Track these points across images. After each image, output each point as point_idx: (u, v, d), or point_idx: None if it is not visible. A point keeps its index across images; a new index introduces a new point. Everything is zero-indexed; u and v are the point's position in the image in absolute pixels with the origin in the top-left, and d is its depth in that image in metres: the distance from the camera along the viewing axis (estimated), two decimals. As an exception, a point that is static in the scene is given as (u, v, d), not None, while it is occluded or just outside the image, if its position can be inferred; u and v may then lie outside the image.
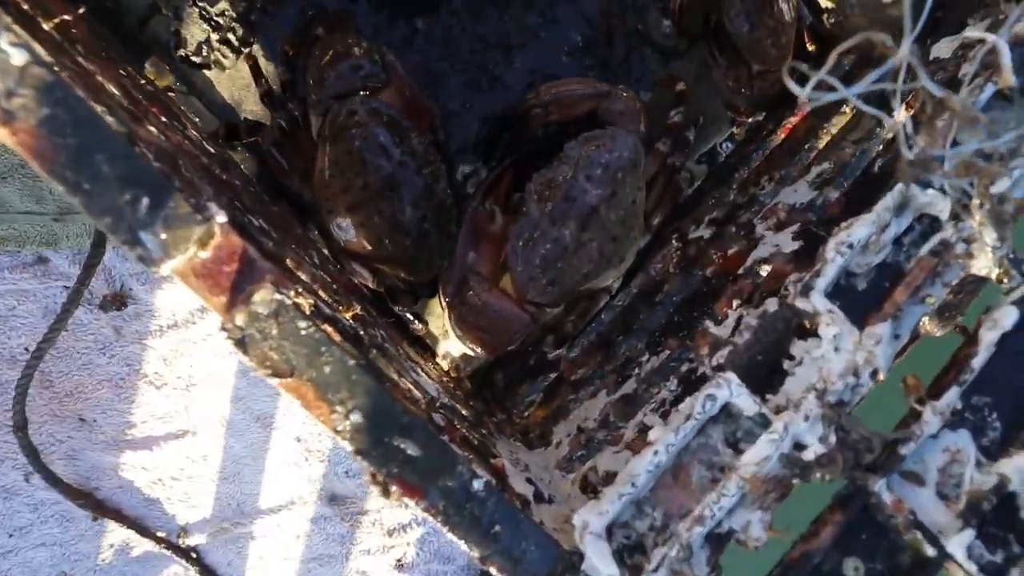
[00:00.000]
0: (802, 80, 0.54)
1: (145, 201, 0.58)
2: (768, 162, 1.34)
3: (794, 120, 1.39)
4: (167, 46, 1.27)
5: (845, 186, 1.12)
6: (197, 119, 1.27)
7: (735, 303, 1.06)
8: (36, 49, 0.56)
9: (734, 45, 1.38)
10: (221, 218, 0.62)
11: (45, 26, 0.83)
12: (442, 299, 1.30)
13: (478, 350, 1.33)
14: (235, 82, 1.30)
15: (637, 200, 1.29)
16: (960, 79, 0.87)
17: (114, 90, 0.87)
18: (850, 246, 0.73)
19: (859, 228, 0.73)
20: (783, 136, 1.39)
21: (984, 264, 0.74)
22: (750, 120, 1.50)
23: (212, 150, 1.10)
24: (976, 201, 0.67)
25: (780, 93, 1.43)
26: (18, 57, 0.56)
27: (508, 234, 1.25)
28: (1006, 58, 0.76)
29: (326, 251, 1.26)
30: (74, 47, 0.87)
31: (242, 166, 1.28)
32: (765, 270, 1.07)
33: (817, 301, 0.71)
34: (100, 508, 1.52)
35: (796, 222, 1.11)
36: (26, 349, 1.60)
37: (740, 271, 1.13)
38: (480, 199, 1.30)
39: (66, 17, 0.90)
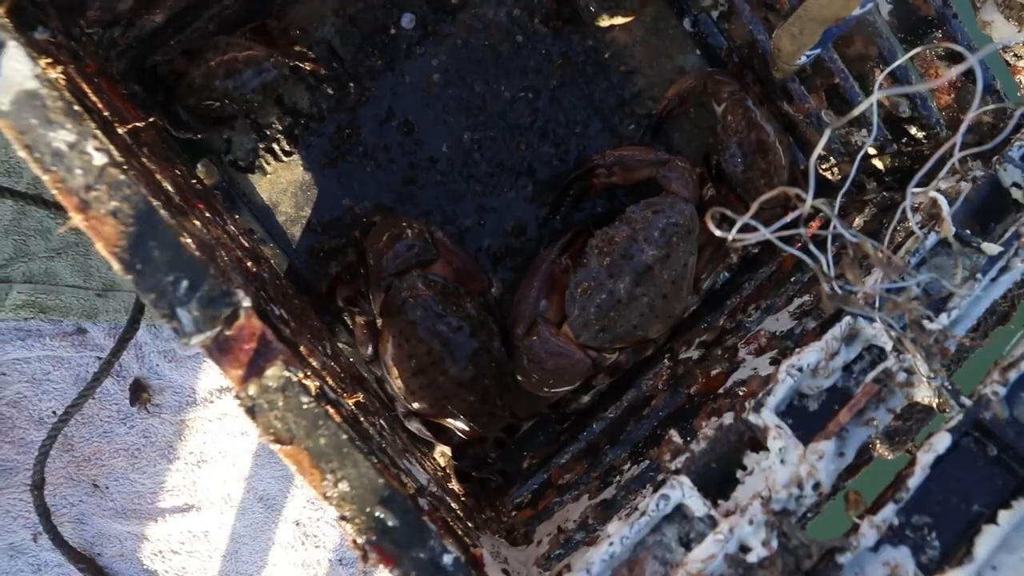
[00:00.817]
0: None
1: (184, 283, 0.69)
2: (757, 292, 1.44)
3: (782, 257, 1.50)
4: (219, 151, 1.43)
5: (823, 316, 1.21)
6: (237, 215, 1.41)
7: (713, 419, 1.13)
8: (113, 153, 0.69)
9: (732, 184, 1.51)
10: (247, 303, 0.73)
11: (120, 130, 0.97)
12: (513, 340, 1.41)
13: (543, 388, 1.42)
14: (274, 186, 1.44)
15: (689, 264, 1.41)
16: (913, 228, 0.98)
17: (169, 187, 1.00)
18: (800, 369, 0.81)
19: (809, 354, 0.82)
20: (774, 268, 1.49)
21: (924, 393, 0.82)
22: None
23: (246, 244, 1.23)
24: (909, 336, 0.75)
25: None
26: (99, 159, 0.68)
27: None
28: (945, 210, 0.87)
29: (398, 414, 1.39)
30: (141, 148, 1.01)
31: (272, 261, 1.40)
32: (742, 391, 1.15)
33: (767, 417, 0.79)
34: (100, 575, 1.57)
35: (775, 348, 1.20)
36: (54, 412, 1.71)
37: (721, 391, 1.21)
38: (556, 253, 1.42)
39: (137, 124, 1.04)
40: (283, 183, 1.44)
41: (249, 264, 1.12)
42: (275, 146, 1.43)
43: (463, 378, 1.32)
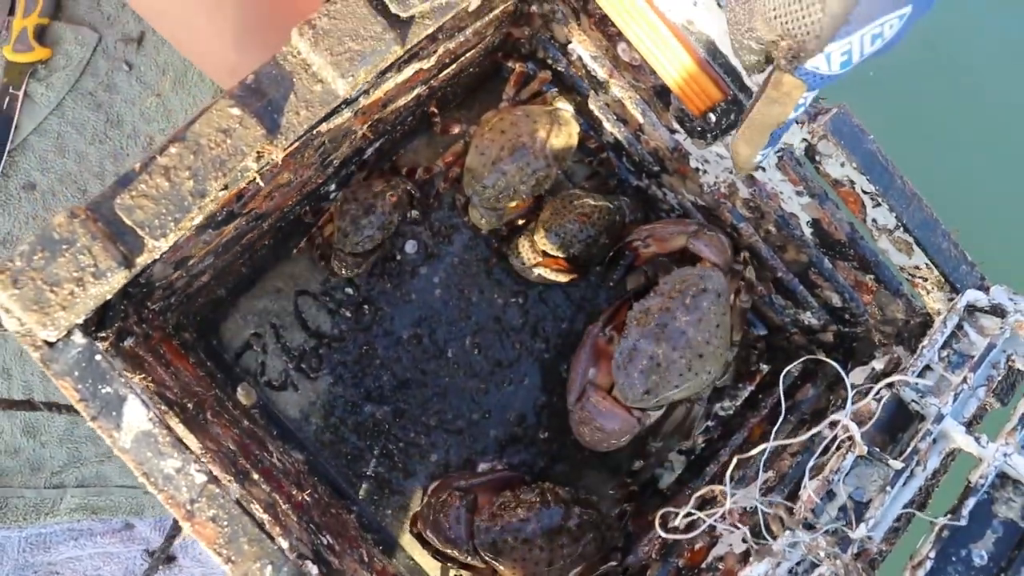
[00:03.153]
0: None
1: (269, 568, 0.90)
2: (730, 461, 1.64)
3: (754, 422, 1.72)
4: (255, 373, 1.65)
5: (785, 493, 1.41)
6: (274, 431, 1.62)
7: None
8: (213, 472, 0.91)
9: None
10: (315, 571, 0.93)
11: (188, 405, 1.20)
12: (568, 407, 1.63)
13: (598, 446, 1.62)
14: (305, 400, 1.66)
15: (721, 323, 1.57)
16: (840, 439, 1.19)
17: (231, 445, 1.22)
18: (753, 581, 1.02)
19: (758, 567, 1.02)
20: (746, 435, 1.70)
21: (855, 593, 1.02)
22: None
23: (288, 467, 1.44)
24: (826, 554, 0.96)
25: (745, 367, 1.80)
26: (199, 478, 0.90)
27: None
28: (857, 435, 1.09)
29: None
30: (205, 414, 1.24)
31: (306, 468, 1.61)
32: (720, 566, 1.34)
33: (730, 625, 0.99)
34: None
35: (746, 525, 1.40)
36: (105, 608, 1.87)
37: (703, 565, 1.40)
38: (602, 326, 1.63)
39: (200, 397, 1.27)
40: (312, 397, 1.66)
41: (295, 493, 1.33)
42: (304, 365, 1.66)
43: (575, 531, 1.52)
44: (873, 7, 0.88)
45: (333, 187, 1.68)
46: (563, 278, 1.69)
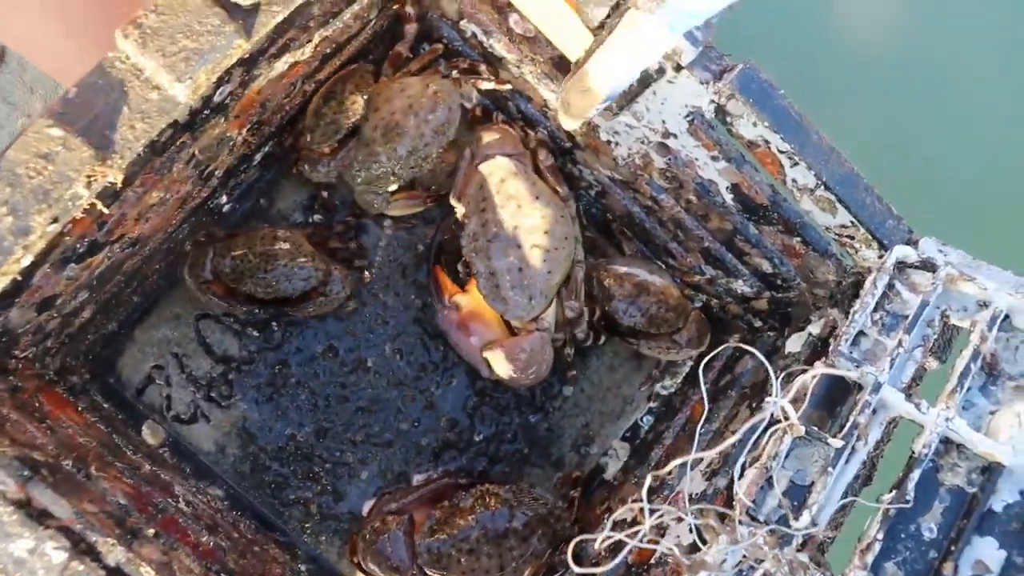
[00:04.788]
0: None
1: (148, 650, 0.79)
2: (675, 444, 1.58)
3: (694, 401, 1.65)
4: (160, 409, 1.53)
5: (728, 476, 1.34)
6: (186, 469, 1.50)
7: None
8: (86, 539, 0.79)
9: (645, 331, 1.65)
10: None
11: (65, 463, 1.07)
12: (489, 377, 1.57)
13: (542, 377, 1.57)
14: (219, 430, 1.54)
15: (539, 193, 1.52)
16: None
17: (122, 500, 1.10)
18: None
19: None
20: (688, 415, 1.64)
21: (805, 585, 0.95)
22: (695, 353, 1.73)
23: (201, 511, 1.32)
24: (768, 552, 0.89)
25: (703, 333, 1.70)
26: (58, 557, 0.79)
27: (477, 298, 1.52)
28: (793, 416, 1.02)
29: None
30: (88, 469, 1.11)
31: (226, 503, 1.49)
32: (670, 560, 1.27)
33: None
34: None
35: (691, 513, 1.32)
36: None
37: (652, 561, 1.33)
38: (441, 307, 1.59)
39: (83, 450, 1.15)
40: (227, 426, 1.54)
41: (205, 539, 1.22)
42: (213, 394, 1.54)
43: (521, 531, 1.46)
44: None
45: (224, 199, 1.55)
46: None
